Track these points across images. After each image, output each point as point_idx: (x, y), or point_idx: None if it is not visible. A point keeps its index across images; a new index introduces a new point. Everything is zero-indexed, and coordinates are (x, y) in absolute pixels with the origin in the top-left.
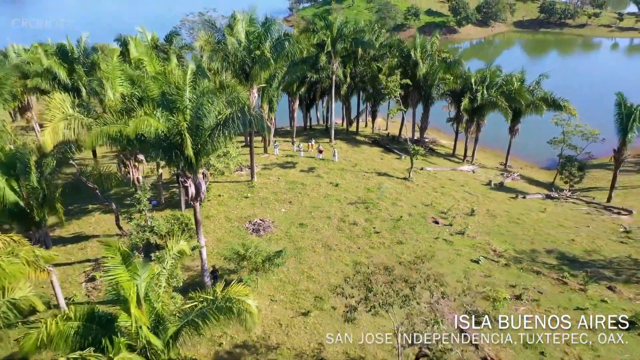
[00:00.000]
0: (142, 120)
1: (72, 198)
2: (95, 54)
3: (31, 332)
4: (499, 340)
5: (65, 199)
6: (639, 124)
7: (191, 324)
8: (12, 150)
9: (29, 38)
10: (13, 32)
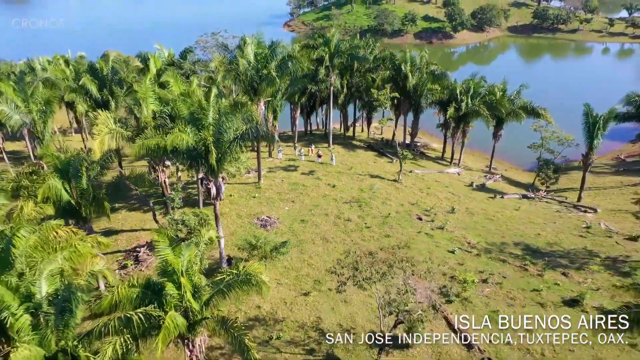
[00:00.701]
0: (176, 136)
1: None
2: (122, 71)
3: (106, 294)
4: (465, 312)
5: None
6: (603, 132)
7: (220, 292)
8: (66, 158)
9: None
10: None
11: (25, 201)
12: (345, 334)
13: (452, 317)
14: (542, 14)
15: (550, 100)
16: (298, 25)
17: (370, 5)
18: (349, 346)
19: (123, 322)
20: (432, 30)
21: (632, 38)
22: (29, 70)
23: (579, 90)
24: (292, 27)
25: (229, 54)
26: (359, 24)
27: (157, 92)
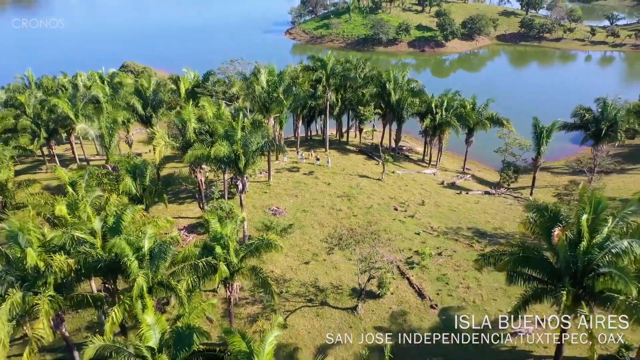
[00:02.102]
0: (217, 148)
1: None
2: (161, 91)
3: (180, 251)
4: (422, 274)
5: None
6: (547, 140)
7: (250, 252)
8: (134, 162)
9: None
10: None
11: (109, 193)
12: (335, 289)
13: (413, 278)
14: (529, 23)
15: (524, 106)
16: (299, 33)
17: (367, 15)
18: (337, 297)
19: (192, 267)
20: (424, 39)
21: (612, 47)
22: (73, 86)
23: (553, 96)
24: (293, 34)
25: (245, 79)
26: (356, 33)
27: (197, 113)
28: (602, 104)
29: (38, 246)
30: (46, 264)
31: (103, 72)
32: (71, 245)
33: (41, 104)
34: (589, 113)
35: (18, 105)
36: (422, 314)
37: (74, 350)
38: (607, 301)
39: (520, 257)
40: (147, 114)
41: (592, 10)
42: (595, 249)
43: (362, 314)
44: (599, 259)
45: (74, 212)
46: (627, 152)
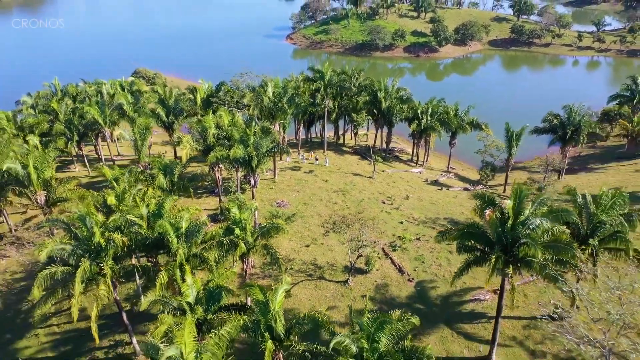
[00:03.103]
0: (235, 151)
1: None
2: (181, 100)
3: (208, 232)
4: (403, 255)
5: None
6: (517, 142)
7: (264, 233)
8: (165, 162)
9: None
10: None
11: (147, 187)
12: (331, 266)
13: (395, 258)
14: (519, 29)
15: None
16: (299, 38)
17: (364, 21)
18: (332, 272)
19: (218, 244)
20: (419, 44)
21: (598, 52)
22: (98, 94)
23: (539, 99)
24: (293, 40)
25: (254, 90)
26: (354, 39)
27: (215, 121)
28: (568, 110)
29: (99, 227)
30: (106, 241)
31: (123, 81)
32: (125, 226)
33: (73, 111)
34: (557, 118)
35: (50, 111)
36: (401, 286)
37: (122, 311)
38: (527, 264)
39: (466, 232)
40: (170, 121)
41: (584, 14)
42: (519, 225)
43: (352, 286)
44: (521, 233)
45: (121, 202)
46: (598, 153)
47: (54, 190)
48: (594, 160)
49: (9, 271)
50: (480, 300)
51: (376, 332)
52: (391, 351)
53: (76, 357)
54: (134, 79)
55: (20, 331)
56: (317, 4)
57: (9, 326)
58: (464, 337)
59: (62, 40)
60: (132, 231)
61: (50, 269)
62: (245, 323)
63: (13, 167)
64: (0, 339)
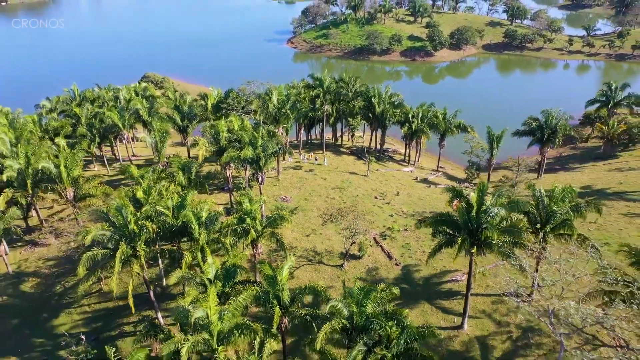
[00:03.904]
0: (245, 152)
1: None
2: (194, 106)
3: (223, 221)
4: (391, 244)
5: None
6: (498, 144)
7: (271, 222)
8: (184, 160)
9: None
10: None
11: (169, 183)
12: (328, 253)
13: (384, 245)
14: (512, 34)
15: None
16: (300, 42)
17: (363, 26)
18: (329, 258)
19: (232, 231)
20: (415, 48)
21: (588, 56)
22: (115, 99)
23: (528, 101)
24: (294, 44)
25: (260, 97)
26: (352, 43)
27: (226, 126)
28: (546, 114)
29: (133, 216)
30: (139, 228)
31: (137, 86)
32: (154, 216)
33: (95, 115)
34: (535, 122)
35: (72, 115)
36: (389, 270)
37: (150, 289)
38: (488, 245)
39: (439, 219)
40: (184, 125)
41: (579, 17)
42: (482, 213)
43: (347, 269)
44: (483, 220)
45: (148, 196)
46: (579, 153)
47: (81, 187)
48: (573, 161)
49: (42, 259)
50: (457, 281)
51: (364, 299)
52: (376, 313)
53: (106, 332)
54: (147, 85)
55: (55, 310)
56: (317, 8)
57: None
58: (441, 311)
59: (66, 44)
60: (160, 220)
61: (92, 251)
62: (257, 293)
63: (47, 166)
64: (39, 317)
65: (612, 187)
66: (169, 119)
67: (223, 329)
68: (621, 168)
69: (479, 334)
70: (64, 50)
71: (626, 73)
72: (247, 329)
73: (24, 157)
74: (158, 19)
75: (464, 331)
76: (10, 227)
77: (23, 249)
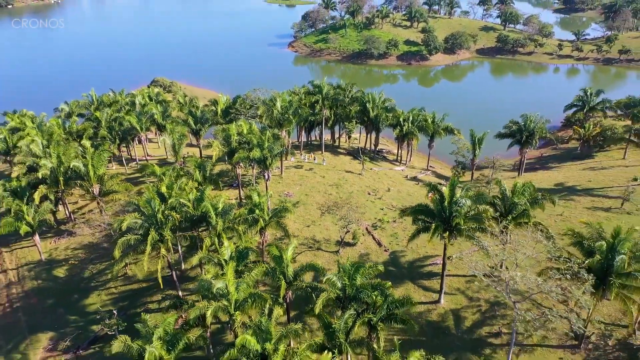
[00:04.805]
0: (254, 153)
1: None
2: (206, 112)
3: (235, 212)
4: (382, 233)
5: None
6: (480, 145)
7: (276, 213)
8: (198, 160)
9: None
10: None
11: (187, 180)
12: (326, 241)
13: (375, 234)
14: (504, 38)
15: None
16: (300, 46)
17: (361, 30)
18: (327, 245)
19: (244, 220)
20: (411, 53)
21: (577, 60)
22: (131, 104)
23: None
24: (295, 47)
25: (265, 104)
26: (351, 47)
27: (238, 130)
28: (525, 118)
29: (160, 207)
30: (165, 217)
31: (150, 91)
32: (178, 207)
33: (115, 119)
34: (515, 125)
35: (93, 119)
36: (379, 255)
37: (173, 271)
38: (458, 230)
39: (417, 209)
40: (197, 128)
41: (572, 21)
42: (453, 204)
43: (342, 254)
44: (453, 209)
45: (170, 190)
46: (559, 153)
47: (105, 183)
48: (553, 160)
49: (70, 248)
50: (436, 264)
51: (354, 273)
52: (364, 285)
53: (132, 309)
54: (159, 91)
55: (85, 292)
56: (317, 13)
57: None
58: (422, 289)
59: (67, 44)
60: (182, 210)
61: (127, 237)
62: (266, 269)
63: (77, 165)
64: (70, 298)
65: (582, 184)
66: (184, 122)
67: (239, 298)
68: (594, 167)
69: (454, 307)
70: (65, 51)
71: (614, 77)
72: (259, 298)
73: (56, 157)
74: (159, 21)
75: (440, 305)
76: (45, 219)
77: (52, 240)
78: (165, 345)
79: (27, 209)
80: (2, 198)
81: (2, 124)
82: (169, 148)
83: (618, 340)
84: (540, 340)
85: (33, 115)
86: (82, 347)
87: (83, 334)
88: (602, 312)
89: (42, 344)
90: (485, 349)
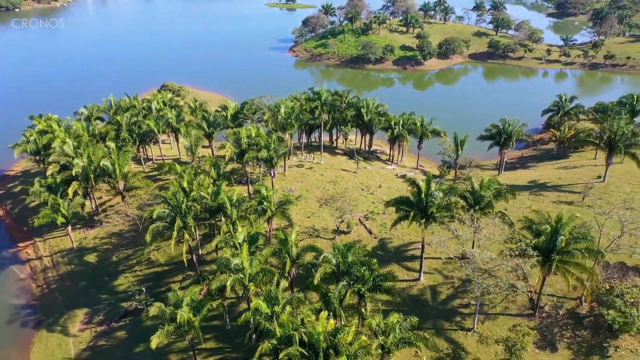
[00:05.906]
0: (262, 153)
1: None
2: (217, 116)
3: (247, 204)
4: (373, 223)
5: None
6: (462, 147)
7: (281, 205)
8: (213, 160)
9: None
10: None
11: (204, 177)
12: (324, 229)
13: (367, 224)
14: (495, 44)
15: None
16: (300, 51)
17: (359, 35)
18: (325, 233)
19: (254, 210)
20: (407, 58)
21: (564, 64)
22: (147, 108)
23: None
24: (295, 52)
25: (270, 109)
26: (349, 52)
27: (247, 133)
28: (504, 122)
29: (183, 199)
30: (188, 207)
31: (164, 96)
32: (198, 199)
33: (135, 123)
34: (495, 128)
35: (114, 122)
36: (369, 241)
37: (193, 255)
38: (433, 218)
39: (399, 200)
40: (210, 131)
41: (565, 25)
42: (428, 196)
43: (337, 241)
44: (429, 200)
45: (191, 185)
46: (539, 154)
47: (129, 180)
48: (532, 160)
49: (97, 237)
50: (419, 249)
51: (346, 252)
52: (354, 262)
53: (156, 288)
54: (172, 96)
55: (114, 275)
56: (317, 19)
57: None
58: (405, 269)
59: (69, 44)
60: (202, 202)
61: (156, 224)
62: (274, 249)
63: (106, 164)
64: (101, 280)
65: (553, 181)
66: (198, 126)
67: (252, 272)
68: (567, 166)
69: (431, 284)
70: (66, 51)
71: (599, 81)
72: (268, 272)
73: (86, 157)
74: (163, 23)
75: (420, 282)
76: (77, 211)
77: (81, 230)
78: (192, 310)
79: (62, 202)
80: (39, 193)
81: (30, 127)
82: (186, 149)
83: (568, 310)
84: (502, 310)
85: (58, 118)
86: (114, 320)
87: (114, 310)
88: (555, 287)
89: (79, 318)
90: (456, 317)
